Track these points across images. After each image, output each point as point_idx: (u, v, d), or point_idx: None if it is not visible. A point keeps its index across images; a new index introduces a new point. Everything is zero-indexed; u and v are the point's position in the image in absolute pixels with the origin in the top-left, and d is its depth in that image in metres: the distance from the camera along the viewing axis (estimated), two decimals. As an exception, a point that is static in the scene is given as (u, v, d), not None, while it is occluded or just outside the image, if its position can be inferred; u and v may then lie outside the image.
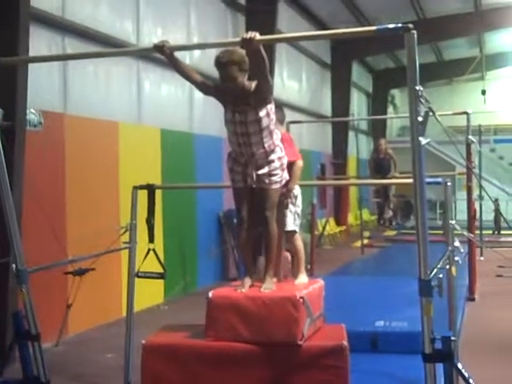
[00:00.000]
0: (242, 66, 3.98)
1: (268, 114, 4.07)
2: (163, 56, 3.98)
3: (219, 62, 4.00)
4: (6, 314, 6.13)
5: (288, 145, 4.71)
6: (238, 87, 4.02)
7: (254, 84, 4.04)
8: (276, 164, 4.15)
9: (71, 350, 6.89)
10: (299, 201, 4.90)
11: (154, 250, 5.24)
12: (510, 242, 14.87)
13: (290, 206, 4.77)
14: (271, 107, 4.10)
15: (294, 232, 4.83)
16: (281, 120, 4.85)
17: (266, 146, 4.09)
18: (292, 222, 4.79)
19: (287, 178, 4.32)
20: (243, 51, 3.91)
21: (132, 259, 5.48)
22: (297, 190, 4.87)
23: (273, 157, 4.14)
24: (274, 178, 4.15)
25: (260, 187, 4.14)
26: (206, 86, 4.22)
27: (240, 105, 4.05)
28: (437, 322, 3.26)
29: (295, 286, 4.46)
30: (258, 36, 3.64)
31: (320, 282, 4.54)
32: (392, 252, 14.54)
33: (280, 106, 5.09)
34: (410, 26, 3.16)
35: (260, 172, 4.12)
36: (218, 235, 11.47)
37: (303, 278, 4.63)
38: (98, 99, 8.39)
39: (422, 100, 3.21)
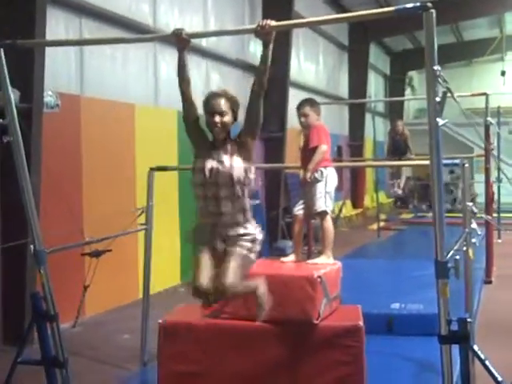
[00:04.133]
0: (234, 106, 3.64)
1: (246, 172, 3.57)
2: (178, 44, 3.64)
3: (212, 93, 3.67)
4: (25, 294, 6.20)
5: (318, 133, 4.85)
6: (223, 128, 3.61)
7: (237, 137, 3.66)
8: (248, 230, 3.60)
9: (88, 331, 6.95)
10: (330, 181, 4.81)
11: None
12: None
13: (321, 186, 4.73)
14: (252, 169, 3.61)
15: (325, 213, 4.77)
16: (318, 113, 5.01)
17: (236, 204, 3.56)
18: (323, 203, 4.75)
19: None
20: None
21: (148, 240, 5.52)
22: (327, 171, 4.82)
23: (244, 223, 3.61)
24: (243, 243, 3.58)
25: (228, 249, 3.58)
26: (194, 109, 3.73)
27: (217, 151, 3.61)
28: (453, 305, 3.25)
29: (313, 265, 4.47)
30: (273, 22, 3.41)
31: (337, 264, 4.53)
32: (408, 235, 14.49)
33: (316, 101, 5.20)
34: (429, 4, 3.12)
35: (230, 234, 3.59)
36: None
37: (323, 259, 4.61)
38: (115, 81, 8.39)
39: (440, 80, 3.16)
